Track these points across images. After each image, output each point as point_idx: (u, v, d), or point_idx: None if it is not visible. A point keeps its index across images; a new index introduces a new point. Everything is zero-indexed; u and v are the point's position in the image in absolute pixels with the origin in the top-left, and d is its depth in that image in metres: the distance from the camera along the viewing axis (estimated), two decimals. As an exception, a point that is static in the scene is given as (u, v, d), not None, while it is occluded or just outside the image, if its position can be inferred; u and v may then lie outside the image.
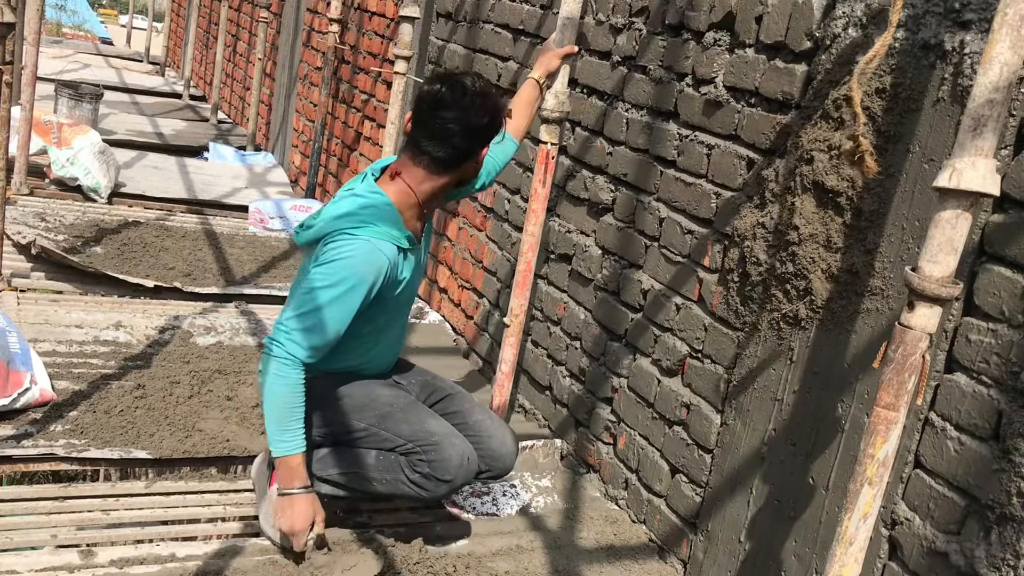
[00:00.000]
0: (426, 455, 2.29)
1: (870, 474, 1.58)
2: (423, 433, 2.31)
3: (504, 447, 2.48)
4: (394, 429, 2.33)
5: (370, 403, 2.39)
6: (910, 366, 1.55)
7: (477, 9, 3.92)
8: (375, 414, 2.37)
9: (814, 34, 2.18)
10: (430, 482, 2.30)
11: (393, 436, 2.33)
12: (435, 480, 2.29)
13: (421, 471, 2.29)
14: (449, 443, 2.30)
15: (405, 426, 2.33)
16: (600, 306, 2.99)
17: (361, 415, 2.37)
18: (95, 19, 18.89)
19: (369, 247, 2.23)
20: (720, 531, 2.41)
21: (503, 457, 2.47)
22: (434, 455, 2.28)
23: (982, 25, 1.78)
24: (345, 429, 2.38)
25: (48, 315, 3.42)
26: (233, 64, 8.71)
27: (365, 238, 2.23)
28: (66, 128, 5.02)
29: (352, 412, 2.38)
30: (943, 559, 1.79)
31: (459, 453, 2.30)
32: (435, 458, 2.28)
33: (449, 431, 2.34)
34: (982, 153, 1.45)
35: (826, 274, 2.11)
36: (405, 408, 2.39)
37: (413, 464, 2.30)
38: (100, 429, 2.67)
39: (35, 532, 2.24)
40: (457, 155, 2.31)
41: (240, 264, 4.46)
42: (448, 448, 2.29)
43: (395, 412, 2.36)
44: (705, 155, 2.54)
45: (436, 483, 2.30)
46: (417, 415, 2.37)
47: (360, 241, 2.23)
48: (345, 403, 2.39)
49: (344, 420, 2.38)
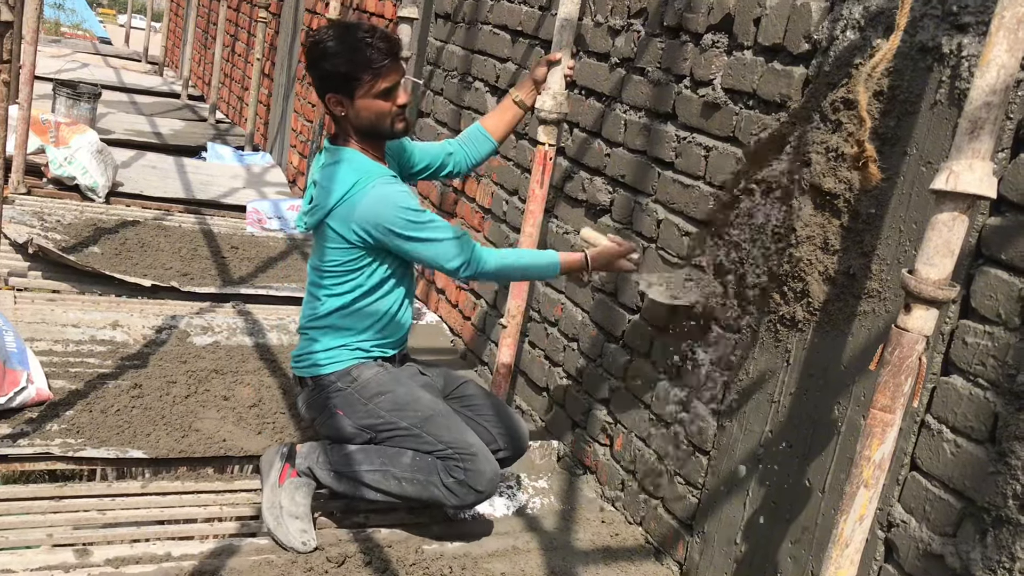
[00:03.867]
0: (464, 463, 2.35)
1: (866, 476, 1.58)
2: (463, 443, 2.38)
3: (520, 427, 2.63)
4: (435, 433, 2.40)
5: (413, 403, 2.45)
6: (906, 368, 1.55)
7: (475, 10, 3.92)
8: (418, 416, 2.43)
9: (812, 36, 2.19)
10: (463, 489, 2.36)
11: (434, 440, 2.39)
12: (468, 488, 2.36)
13: (457, 477, 2.35)
14: (485, 457, 2.39)
15: (447, 433, 2.40)
16: (597, 307, 2.99)
17: (403, 414, 2.44)
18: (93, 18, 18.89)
19: (393, 182, 2.43)
20: (716, 533, 2.41)
21: (520, 436, 2.61)
22: (471, 465, 2.35)
23: (979, 28, 1.78)
24: (387, 425, 2.44)
25: (45, 314, 3.41)
26: (231, 64, 8.71)
27: (387, 180, 2.42)
28: (64, 127, 5.01)
29: (396, 410, 2.45)
30: (939, 561, 1.79)
31: (492, 468, 2.38)
32: (472, 468, 2.35)
33: (484, 446, 2.42)
34: (979, 156, 1.45)
35: (823, 276, 2.11)
36: (446, 415, 2.46)
37: (450, 469, 2.36)
38: (96, 428, 2.66)
39: (31, 531, 2.24)
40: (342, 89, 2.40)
41: (237, 264, 4.45)
42: (484, 462, 2.37)
43: (437, 417, 2.43)
44: (703, 157, 2.54)
45: (468, 491, 2.37)
46: (457, 425, 2.44)
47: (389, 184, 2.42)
48: (389, 399, 2.46)
49: (387, 415, 2.45)
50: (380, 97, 2.40)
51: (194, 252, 4.47)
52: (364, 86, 2.38)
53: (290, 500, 2.39)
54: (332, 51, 2.36)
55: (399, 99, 2.43)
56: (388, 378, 2.51)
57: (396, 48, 2.41)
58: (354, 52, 2.35)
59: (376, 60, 2.35)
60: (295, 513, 2.37)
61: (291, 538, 2.32)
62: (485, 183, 3.80)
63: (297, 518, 2.36)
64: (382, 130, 2.47)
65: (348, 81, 2.37)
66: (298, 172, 6.27)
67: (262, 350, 3.45)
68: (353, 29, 2.39)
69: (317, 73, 2.42)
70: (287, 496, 2.40)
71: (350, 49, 2.35)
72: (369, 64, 2.35)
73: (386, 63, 2.37)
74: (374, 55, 2.35)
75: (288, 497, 2.40)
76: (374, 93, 2.39)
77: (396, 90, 2.43)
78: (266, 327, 3.69)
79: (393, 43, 2.40)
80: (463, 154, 2.84)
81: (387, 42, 2.39)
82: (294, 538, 2.32)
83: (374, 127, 2.45)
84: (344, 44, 2.36)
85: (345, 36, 2.37)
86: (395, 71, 2.41)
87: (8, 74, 3.25)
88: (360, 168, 2.42)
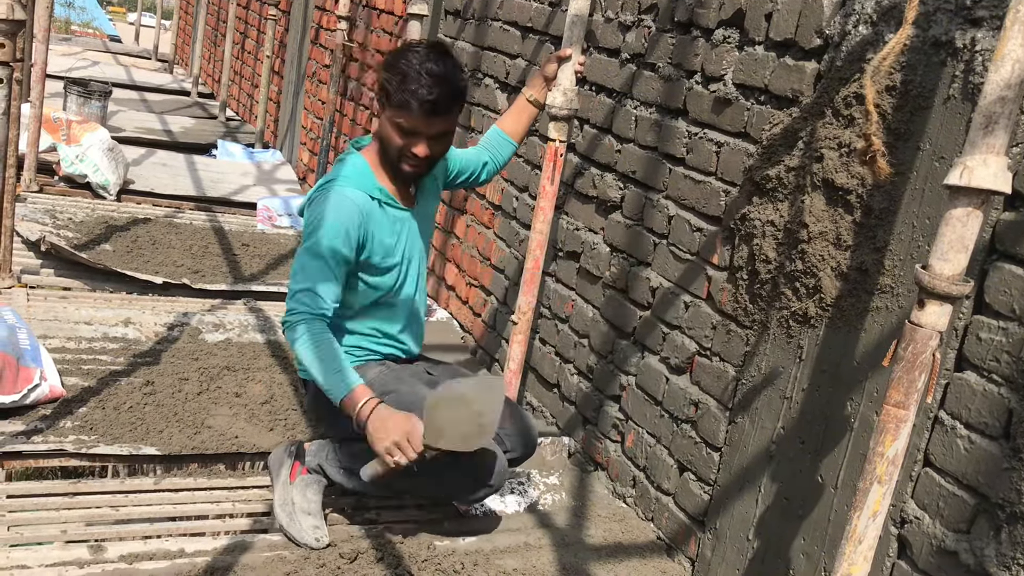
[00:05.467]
0: (470, 457, 2.34)
1: (879, 472, 1.58)
2: None
3: (530, 429, 2.59)
4: None
5: (418, 402, 2.42)
6: (920, 364, 1.54)
7: (485, 6, 3.92)
8: None
9: (824, 31, 2.18)
10: (472, 482, 2.38)
11: None
12: (475, 482, 2.38)
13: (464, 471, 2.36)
14: (493, 449, 2.38)
15: None
16: (608, 304, 2.99)
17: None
18: (104, 17, 18.97)
19: (336, 196, 2.40)
20: (728, 529, 2.40)
21: (529, 437, 2.57)
22: (479, 458, 2.35)
23: (993, 22, 1.77)
24: None
25: (57, 312, 3.43)
26: (241, 61, 8.73)
27: (331, 187, 2.42)
28: (75, 125, 5.03)
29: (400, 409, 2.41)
30: (953, 558, 1.78)
31: (501, 462, 2.38)
32: (480, 461, 2.35)
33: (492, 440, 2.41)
34: (993, 151, 1.44)
35: (836, 272, 2.10)
36: None
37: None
38: (109, 425, 2.67)
39: (45, 528, 2.25)
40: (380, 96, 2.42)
41: (248, 261, 4.47)
42: (490, 455, 2.36)
43: None
44: (714, 153, 2.53)
45: (477, 483, 2.38)
46: None
47: (326, 193, 2.42)
48: (392, 399, 2.43)
49: None
50: (396, 129, 2.40)
51: (205, 249, 4.49)
52: (390, 109, 2.39)
53: (302, 497, 2.40)
54: (394, 64, 2.38)
55: (414, 147, 2.41)
56: (391, 377, 2.51)
57: (439, 108, 2.37)
58: (405, 77, 2.34)
59: (410, 99, 2.34)
60: (307, 510, 2.38)
61: (304, 534, 2.33)
62: (495, 180, 3.80)
63: (310, 514, 2.37)
64: (390, 155, 2.47)
65: (385, 93, 2.40)
66: (308, 169, 6.28)
67: (274, 347, 3.46)
68: (425, 63, 2.35)
69: (382, 65, 2.45)
70: (299, 493, 2.41)
71: (403, 72, 2.35)
72: (404, 94, 2.34)
73: (413, 107, 2.34)
74: (414, 93, 2.33)
75: (300, 494, 2.41)
76: (394, 121, 2.40)
77: (415, 137, 2.40)
78: (277, 324, 3.69)
79: (439, 103, 2.36)
80: (492, 161, 2.88)
81: (433, 98, 2.34)
82: (307, 534, 2.33)
83: (384, 147, 2.47)
84: (407, 65, 2.35)
85: (416, 61, 2.36)
86: (423, 121, 2.37)
87: (20, 72, 3.27)
88: (336, 172, 2.46)
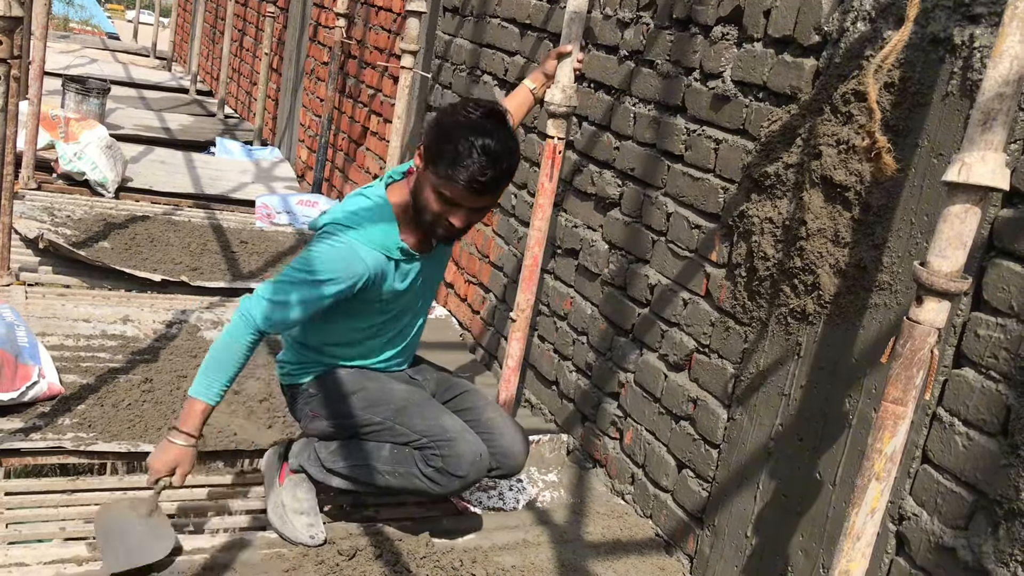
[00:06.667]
0: (440, 450, 2.31)
1: (877, 469, 1.58)
2: (438, 429, 2.33)
3: (516, 445, 2.48)
4: (409, 424, 2.36)
5: (385, 397, 2.41)
6: (918, 361, 1.54)
7: (484, 3, 3.91)
8: (391, 408, 2.38)
9: (822, 28, 2.18)
10: (443, 476, 2.31)
11: (408, 431, 2.35)
12: (448, 475, 2.31)
13: (435, 465, 2.31)
14: (463, 440, 2.32)
15: (420, 421, 2.35)
16: (607, 301, 2.99)
17: (376, 409, 2.39)
18: (102, 14, 18.95)
19: (349, 252, 2.23)
20: (727, 526, 2.40)
21: (514, 455, 2.47)
22: (448, 451, 2.30)
23: (992, 19, 1.77)
24: (361, 422, 2.40)
25: (56, 309, 3.43)
26: (240, 59, 8.72)
27: (350, 241, 2.25)
28: (73, 123, 5.03)
29: (368, 406, 2.40)
30: (951, 554, 1.79)
31: (472, 450, 2.32)
32: (448, 453, 2.30)
33: (463, 428, 2.36)
34: (992, 147, 1.44)
35: (834, 269, 2.11)
36: (420, 404, 2.41)
37: (427, 458, 2.32)
38: (108, 423, 2.67)
39: (44, 525, 2.25)
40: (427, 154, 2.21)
41: (247, 258, 4.47)
42: (462, 444, 2.31)
43: (410, 407, 2.38)
44: (713, 150, 2.53)
45: (449, 478, 2.31)
46: (432, 411, 2.39)
47: (343, 243, 2.24)
48: (361, 397, 2.42)
49: (360, 414, 2.40)
50: (437, 196, 2.21)
51: (203, 247, 4.49)
52: (435, 175, 2.19)
53: (292, 497, 2.39)
54: (448, 130, 2.18)
55: (452, 216, 2.22)
56: (360, 375, 2.45)
57: (488, 188, 2.18)
58: (457, 151, 2.15)
59: (460, 176, 2.15)
60: (298, 509, 2.37)
61: (298, 534, 2.32)
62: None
63: (302, 513, 2.36)
64: (423, 218, 2.27)
65: (432, 156, 2.20)
66: (306, 167, 6.28)
67: (271, 345, 3.46)
68: (482, 137, 2.15)
69: (433, 122, 2.25)
70: (288, 494, 2.40)
71: (455, 143, 2.15)
72: (454, 169, 2.15)
73: (461, 184, 2.16)
74: (465, 170, 2.15)
75: (289, 495, 2.40)
76: (436, 189, 2.20)
77: (456, 208, 2.21)
78: (276, 321, 3.69)
79: (488, 185, 2.17)
80: None
81: (485, 180, 2.16)
82: (301, 533, 2.32)
83: (418, 208, 2.27)
84: (461, 135, 2.16)
85: (471, 133, 2.16)
86: (469, 198, 2.19)
87: (18, 70, 3.26)
88: (358, 218, 2.28)
